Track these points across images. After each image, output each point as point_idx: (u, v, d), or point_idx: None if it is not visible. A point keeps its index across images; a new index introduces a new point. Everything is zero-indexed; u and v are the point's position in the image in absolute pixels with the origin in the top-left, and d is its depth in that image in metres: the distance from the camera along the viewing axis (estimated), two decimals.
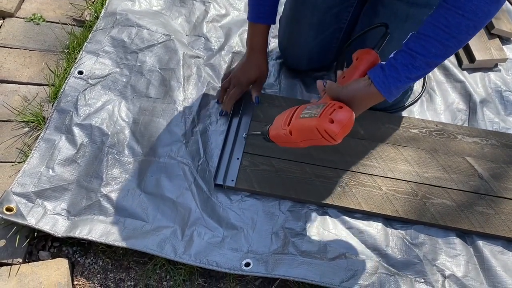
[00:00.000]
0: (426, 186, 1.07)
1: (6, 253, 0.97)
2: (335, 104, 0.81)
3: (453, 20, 0.77)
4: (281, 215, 1.04)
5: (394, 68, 0.82)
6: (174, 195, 1.05)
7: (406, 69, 0.82)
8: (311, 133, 0.82)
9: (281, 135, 0.89)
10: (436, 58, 0.81)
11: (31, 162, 1.07)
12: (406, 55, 0.82)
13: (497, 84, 1.30)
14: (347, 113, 0.80)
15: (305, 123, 0.82)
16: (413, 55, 0.81)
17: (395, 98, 0.86)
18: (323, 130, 0.79)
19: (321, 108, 0.81)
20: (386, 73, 0.83)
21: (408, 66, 0.81)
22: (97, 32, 1.31)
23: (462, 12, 0.76)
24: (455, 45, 0.80)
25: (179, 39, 1.32)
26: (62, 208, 1.02)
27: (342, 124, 0.79)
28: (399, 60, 0.82)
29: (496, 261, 0.98)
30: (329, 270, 0.95)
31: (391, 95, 0.84)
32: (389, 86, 0.83)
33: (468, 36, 0.80)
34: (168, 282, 0.99)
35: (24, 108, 1.18)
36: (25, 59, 1.28)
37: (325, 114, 0.79)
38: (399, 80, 0.82)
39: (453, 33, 0.78)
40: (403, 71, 0.82)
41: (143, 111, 1.18)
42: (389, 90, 0.84)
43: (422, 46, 0.80)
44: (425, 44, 0.80)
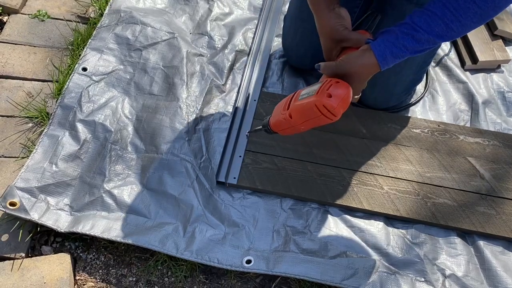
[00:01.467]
0: (428, 186, 1.07)
1: (9, 247, 0.98)
2: (332, 80, 0.81)
3: (463, 4, 0.77)
4: (282, 213, 1.04)
5: (393, 33, 0.81)
6: (176, 192, 1.06)
7: (406, 37, 0.81)
8: (311, 112, 0.81)
9: (281, 121, 0.88)
10: (436, 37, 0.80)
11: (34, 157, 1.08)
12: (409, 26, 0.81)
13: (500, 85, 1.31)
14: (344, 87, 0.80)
15: (304, 102, 0.81)
16: (415, 28, 0.80)
17: (387, 67, 0.83)
18: (321, 105, 0.78)
19: (319, 86, 0.81)
20: (384, 37, 0.82)
21: (408, 35, 0.80)
22: (101, 29, 1.32)
23: None
24: (457, 29, 0.80)
25: (182, 37, 1.32)
26: (65, 204, 1.03)
27: (341, 98, 0.78)
28: (400, 28, 0.81)
29: (497, 261, 0.98)
30: (330, 268, 0.96)
31: (385, 60, 0.82)
32: (384, 50, 0.81)
33: (472, 24, 0.80)
34: (170, 278, 0.99)
35: (28, 103, 1.19)
36: (29, 55, 1.28)
37: (323, 90, 0.79)
38: (395, 46, 0.81)
39: (460, 17, 0.78)
40: (401, 38, 0.80)
41: (146, 108, 1.19)
42: (383, 54, 0.81)
43: (426, 22, 0.79)
44: (430, 21, 0.79)
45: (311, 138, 1.13)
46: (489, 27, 1.40)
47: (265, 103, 1.20)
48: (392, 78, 1.14)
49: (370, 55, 0.82)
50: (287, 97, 0.89)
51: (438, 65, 1.34)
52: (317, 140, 1.13)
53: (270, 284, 0.99)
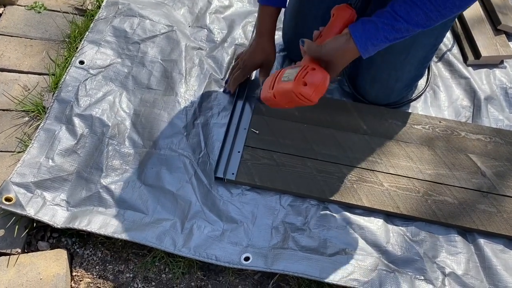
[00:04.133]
0: (428, 183, 1.06)
1: (5, 243, 0.97)
2: (308, 66, 0.85)
3: None
4: (281, 210, 1.03)
5: (374, 24, 0.84)
6: (174, 187, 1.05)
7: (386, 28, 0.83)
8: (290, 97, 0.86)
9: (268, 98, 0.93)
10: (416, 26, 0.83)
11: (31, 152, 1.07)
12: (389, 15, 0.83)
13: (502, 81, 1.29)
14: (320, 75, 0.84)
15: (284, 87, 0.87)
16: (396, 18, 0.82)
17: (369, 56, 0.87)
18: (298, 93, 0.84)
19: (297, 71, 0.85)
20: (365, 28, 0.85)
21: (388, 26, 0.83)
22: (99, 21, 1.30)
23: None
24: (437, 18, 0.82)
25: (181, 30, 1.30)
26: (61, 199, 1.02)
27: (315, 86, 0.83)
28: (381, 19, 0.84)
29: (497, 259, 0.97)
30: (329, 266, 0.95)
31: (367, 51, 0.85)
32: (366, 42, 0.84)
33: (451, 14, 0.82)
34: (167, 274, 0.99)
35: (24, 97, 1.17)
36: (25, 48, 1.27)
37: (299, 77, 0.84)
38: (377, 38, 0.84)
39: (439, 7, 0.80)
40: (382, 30, 0.83)
41: (144, 103, 1.17)
42: (365, 46, 0.85)
43: (407, 12, 0.82)
44: (410, 10, 0.81)
45: (311, 134, 1.12)
46: (492, 21, 1.38)
47: None
48: (393, 74, 1.12)
49: (353, 46, 0.86)
50: (273, 74, 0.93)
51: (440, 60, 1.33)
52: (317, 136, 1.12)
53: (268, 281, 0.98)
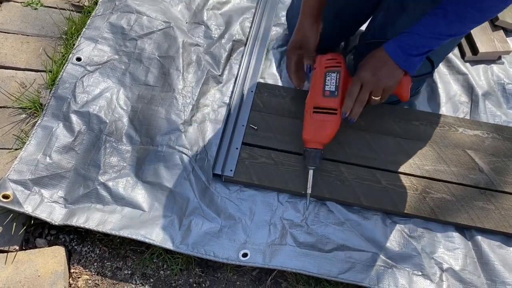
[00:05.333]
0: (426, 180, 1.06)
1: (2, 240, 0.97)
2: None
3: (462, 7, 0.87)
4: (279, 206, 1.03)
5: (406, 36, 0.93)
6: (172, 184, 1.05)
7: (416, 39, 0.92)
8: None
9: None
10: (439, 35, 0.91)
11: (28, 149, 1.06)
12: (417, 28, 0.92)
13: (500, 76, 1.29)
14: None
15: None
16: (422, 31, 0.91)
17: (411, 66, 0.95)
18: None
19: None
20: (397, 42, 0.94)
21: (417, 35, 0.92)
22: (96, 18, 1.30)
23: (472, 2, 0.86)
24: (458, 29, 0.91)
25: (179, 27, 1.30)
26: (59, 196, 1.02)
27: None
28: (413, 31, 0.92)
29: (494, 255, 0.98)
30: (327, 262, 0.95)
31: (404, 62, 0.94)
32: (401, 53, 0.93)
33: (471, 27, 0.92)
34: (165, 271, 0.99)
35: (21, 94, 1.17)
36: (22, 45, 1.26)
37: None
38: (409, 48, 0.93)
39: (460, 19, 0.88)
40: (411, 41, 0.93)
41: (141, 99, 1.17)
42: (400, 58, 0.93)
43: (432, 24, 0.90)
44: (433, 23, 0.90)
45: None
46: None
47: (263, 94, 1.19)
48: None
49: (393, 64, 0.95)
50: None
51: None
52: None
53: (267, 277, 0.98)
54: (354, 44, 1.31)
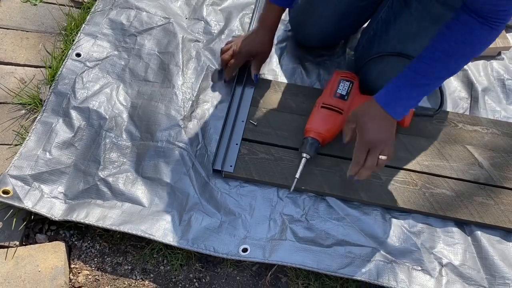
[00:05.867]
0: (426, 176, 1.06)
1: (2, 235, 0.97)
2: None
3: (454, 47, 0.86)
4: (279, 201, 1.03)
5: (396, 87, 0.91)
6: (172, 180, 1.05)
7: (409, 88, 0.90)
8: None
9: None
10: (436, 79, 0.90)
11: (28, 144, 1.06)
12: (409, 75, 0.89)
13: (500, 72, 1.29)
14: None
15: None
16: (415, 77, 0.88)
17: (404, 115, 0.92)
18: None
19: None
20: (387, 92, 0.91)
21: (409, 86, 0.89)
22: (95, 14, 1.29)
23: (464, 41, 0.85)
24: (453, 69, 0.90)
25: (178, 23, 1.30)
26: (59, 192, 1.02)
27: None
28: (402, 80, 0.90)
29: (494, 250, 0.98)
30: (327, 257, 0.95)
31: (395, 111, 0.91)
32: (391, 103, 0.91)
33: (464, 63, 0.90)
34: (165, 266, 0.99)
35: (21, 90, 1.17)
36: (22, 40, 1.26)
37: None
38: (401, 98, 0.90)
39: (453, 59, 0.87)
40: (404, 90, 0.90)
41: (141, 95, 1.17)
42: (392, 107, 0.90)
43: (424, 68, 0.88)
44: (427, 66, 0.88)
45: None
46: None
47: (262, 90, 1.19)
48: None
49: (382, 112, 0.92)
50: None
51: None
52: None
53: (266, 272, 0.99)
54: (354, 39, 1.31)
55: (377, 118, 0.92)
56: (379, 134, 0.92)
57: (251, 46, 1.13)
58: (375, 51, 1.12)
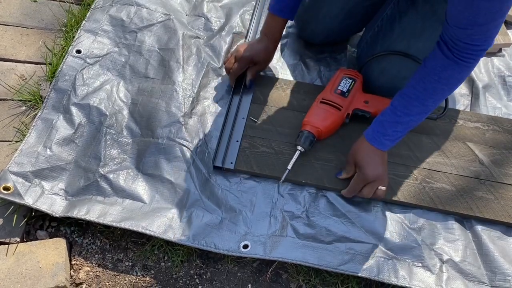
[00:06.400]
0: (426, 171, 1.06)
1: (3, 232, 0.97)
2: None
3: (431, 84, 0.88)
4: (280, 198, 1.03)
5: (381, 124, 0.95)
6: (172, 176, 1.05)
7: (391, 125, 0.94)
8: None
9: None
10: (417, 115, 0.92)
11: (28, 141, 1.06)
12: (391, 112, 0.93)
13: (501, 69, 1.29)
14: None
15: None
16: (396, 113, 0.92)
17: (390, 147, 0.97)
18: None
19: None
20: (374, 129, 0.96)
21: (392, 123, 0.94)
22: (96, 10, 1.29)
23: (438, 78, 0.87)
24: (432, 105, 0.91)
25: (178, 19, 1.30)
26: (59, 188, 1.02)
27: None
28: (385, 117, 0.95)
29: (494, 246, 0.98)
30: (327, 253, 0.95)
31: (383, 145, 0.96)
32: (381, 141, 0.95)
33: (442, 97, 0.91)
34: (166, 263, 0.99)
35: (21, 86, 1.17)
36: (22, 37, 1.26)
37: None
38: (387, 134, 0.95)
39: (431, 95, 0.90)
40: (389, 127, 0.94)
41: (141, 92, 1.17)
42: (382, 143, 0.96)
43: (405, 106, 0.92)
44: (407, 103, 0.91)
45: None
46: None
47: (263, 87, 1.19)
48: (403, 72, 1.11)
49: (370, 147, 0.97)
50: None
51: None
52: None
53: (267, 268, 0.99)
54: (356, 36, 1.31)
55: (370, 153, 0.97)
56: (376, 170, 0.97)
57: (254, 52, 1.13)
58: (378, 49, 1.12)
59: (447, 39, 0.84)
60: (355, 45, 1.30)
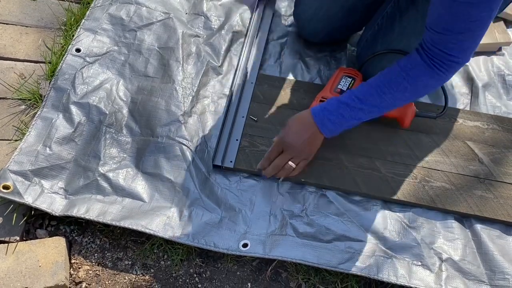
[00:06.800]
0: (426, 170, 1.06)
1: (3, 231, 0.97)
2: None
3: (396, 79, 0.87)
4: (279, 197, 1.03)
5: (330, 102, 0.93)
6: (172, 175, 1.05)
7: (342, 106, 0.92)
8: None
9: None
10: (372, 107, 0.90)
11: (28, 140, 1.06)
12: (347, 94, 0.92)
13: (500, 68, 1.29)
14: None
15: None
16: (351, 97, 0.91)
17: (331, 134, 0.95)
18: None
19: None
20: (322, 105, 0.94)
21: (343, 104, 0.92)
22: (95, 9, 1.29)
23: (406, 75, 0.86)
24: (389, 101, 0.89)
25: (178, 18, 1.29)
26: (59, 187, 1.02)
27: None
28: (340, 98, 0.93)
29: (494, 245, 0.98)
30: (327, 252, 0.96)
31: (323, 125, 0.93)
32: (322, 118, 0.93)
33: (402, 98, 0.89)
34: (166, 261, 0.99)
35: (20, 85, 1.17)
36: (21, 36, 1.26)
37: None
38: (332, 114, 0.92)
39: (391, 90, 0.88)
40: (337, 106, 0.92)
41: (141, 90, 1.17)
42: (322, 122, 0.93)
43: (362, 92, 0.90)
44: (365, 90, 0.90)
45: None
46: None
47: (263, 85, 1.19)
48: None
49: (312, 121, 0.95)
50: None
51: None
52: None
53: (267, 267, 0.99)
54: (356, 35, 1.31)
55: (302, 124, 0.95)
56: (297, 140, 0.95)
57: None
58: (379, 47, 1.12)
59: (425, 41, 0.84)
60: (355, 44, 1.30)
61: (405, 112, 1.07)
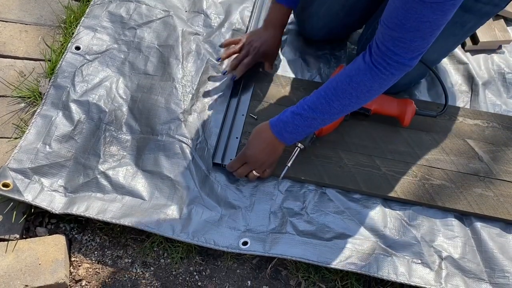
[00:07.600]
0: (426, 168, 1.06)
1: (3, 228, 0.97)
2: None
3: (341, 85, 0.87)
4: (279, 195, 1.03)
5: (285, 113, 0.94)
6: (172, 173, 1.05)
7: (296, 117, 0.92)
8: None
9: None
10: (322, 114, 0.90)
11: (27, 138, 1.06)
12: (299, 104, 0.93)
13: (500, 66, 1.29)
14: None
15: None
16: (303, 107, 0.92)
17: (291, 142, 0.97)
18: None
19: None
20: (279, 116, 0.95)
21: (297, 115, 0.92)
22: (95, 6, 1.29)
23: (350, 81, 0.86)
24: (338, 108, 0.89)
25: (178, 15, 1.29)
26: (59, 185, 1.02)
27: None
28: (292, 108, 0.93)
29: (494, 243, 0.98)
30: (327, 250, 0.96)
31: (281, 135, 0.95)
32: (280, 129, 0.94)
33: (350, 105, 0.89)
34: (166, 259, 0.99)
35: (20, 83, 1.16)
36: (21, 33, 1.25)
37: None
38: (288, 125, 0.93)
39: (338, 97, 0.88)
40: (292, 118, 0.93)
41: (141, 88, 1.17)
42: (280, 133, 0.95)
43: (312, 101, 0.91)
44: (315, 99, 0.90)
45: None
46: None
47: (262, 83, 1.18)
48: None
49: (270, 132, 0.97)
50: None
51: None
52: None
53: (267, 265, 0.99)
54: (355, 33, 1.30)
55: (261, 137, 0.97)
56: (257, 155, 0.98)
57: (267, 47, 1.14)
58: None
59: (375, 38, 0.83)
60: (355, 42, 1.29)
61: (405, 110, 1.07)
